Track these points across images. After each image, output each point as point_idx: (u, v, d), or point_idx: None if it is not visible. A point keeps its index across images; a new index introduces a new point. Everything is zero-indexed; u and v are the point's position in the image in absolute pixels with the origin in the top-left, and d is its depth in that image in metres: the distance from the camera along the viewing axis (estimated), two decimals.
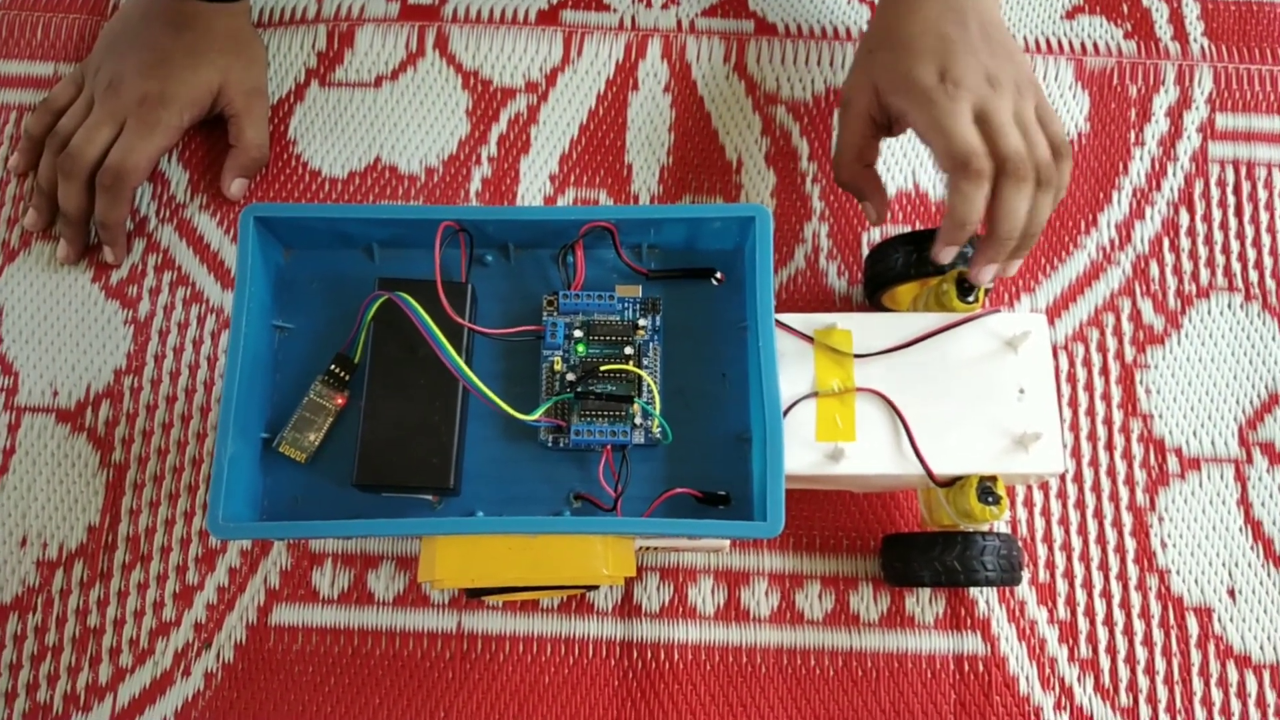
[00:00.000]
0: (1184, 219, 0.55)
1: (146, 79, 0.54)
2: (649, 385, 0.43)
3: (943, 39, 0.46)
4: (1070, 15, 0.60)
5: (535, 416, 0.40)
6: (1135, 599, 0.50)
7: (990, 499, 0.42)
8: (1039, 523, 0.51)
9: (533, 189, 0.56)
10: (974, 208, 0.43)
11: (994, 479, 0.43)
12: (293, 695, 0.49)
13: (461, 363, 0.38)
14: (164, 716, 0.48)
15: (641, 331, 0.43)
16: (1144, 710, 0.48)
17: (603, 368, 0.42)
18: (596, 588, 0.46)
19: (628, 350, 0.43)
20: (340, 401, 0.43)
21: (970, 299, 0.45)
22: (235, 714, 0.48)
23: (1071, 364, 0.53)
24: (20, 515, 0.51)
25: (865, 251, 0.54)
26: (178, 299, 0.55)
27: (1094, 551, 0.50)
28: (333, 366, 0.43)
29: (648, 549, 0.48)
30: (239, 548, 0.51)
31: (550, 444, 0.42)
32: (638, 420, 0.42)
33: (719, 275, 0.45)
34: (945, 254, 0.45)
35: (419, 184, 0.56)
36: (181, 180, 0.57)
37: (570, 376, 0.43)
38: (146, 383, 0.53)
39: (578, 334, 0.43)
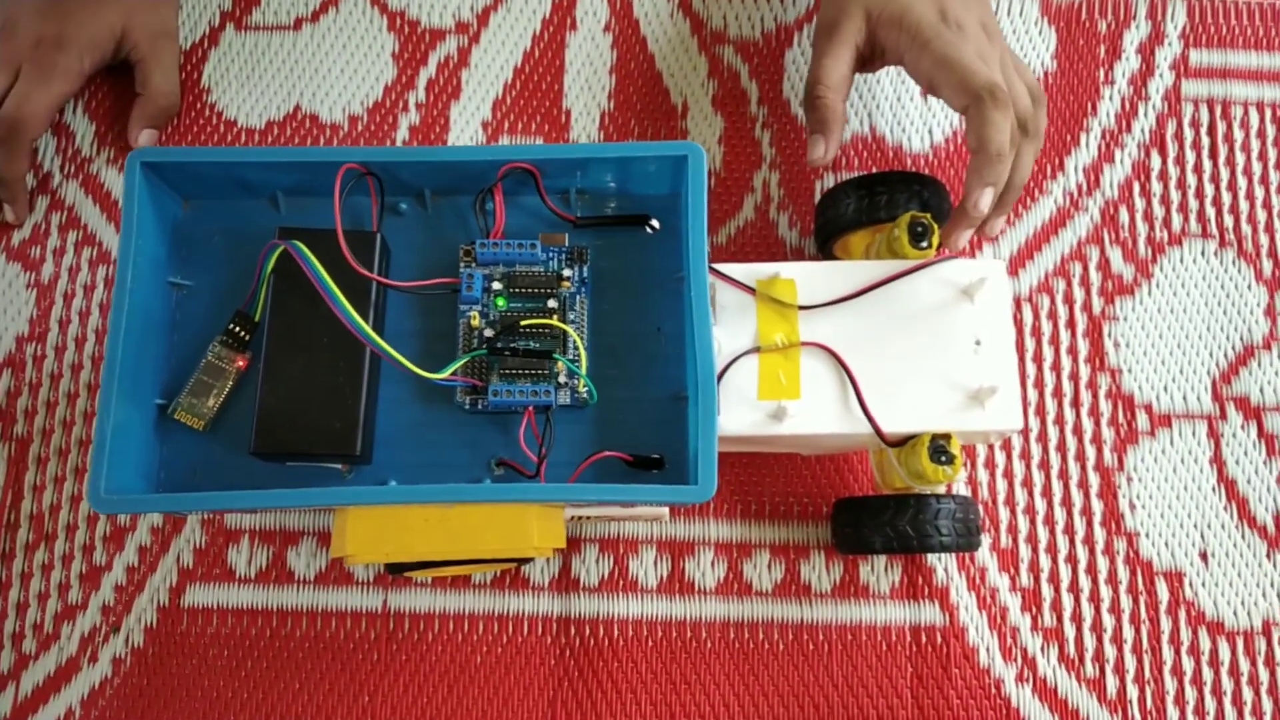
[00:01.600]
0: (1155, 162, 0.52)
1: (42, 20, 0.50)
2: (574, 341, 0.39)
3: None
4: None
5: (444, 375, 0.37)
6: (1102, 564, 0.47)
7: (944, 458, 0.39)
8: (1000, 485, 0.48)
9: (464, 137, 0.52)
10: (1007, 135, 0.41)
11: (948, 437, 0.40)
12: (207, 681, 0.45)
13: (357, 317, 0.35)
14: (69, 705, 0.45)
15: (567, 283, 0.40)
16: (1111, 681, 0.46)
17: (524, 323, 0.39)
18: (529, 561, 0.43)
19: (551, 303, 0.40)
20: (241, 364, 0.40)
21: (924, 245, 0.42)
22: (145, 701, 0.45)
23: (1036, 316, 0.50)
24: None
25: (818, 200, 0.51)
26: (83, 260, 0.51)
27: (1059, 514, 0.47)
28: (232, 325, 0.40)
29: (582, 518, 0.45)
30: (149, 525, 0.47)
31: (468, 406, 0.39)
32: (562, 379, 0.39)
33: (654, 223, 0.41)
34: (986, 198, 0.42)
35: (342, 133, 0.53)
36: (87, 132, 0.53)
37: (489, 333, 0.39)
38: (50, 350, 0.50)
39: (497, 286, 0.40)
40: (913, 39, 0.44)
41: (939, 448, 0.39)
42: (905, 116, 0.53)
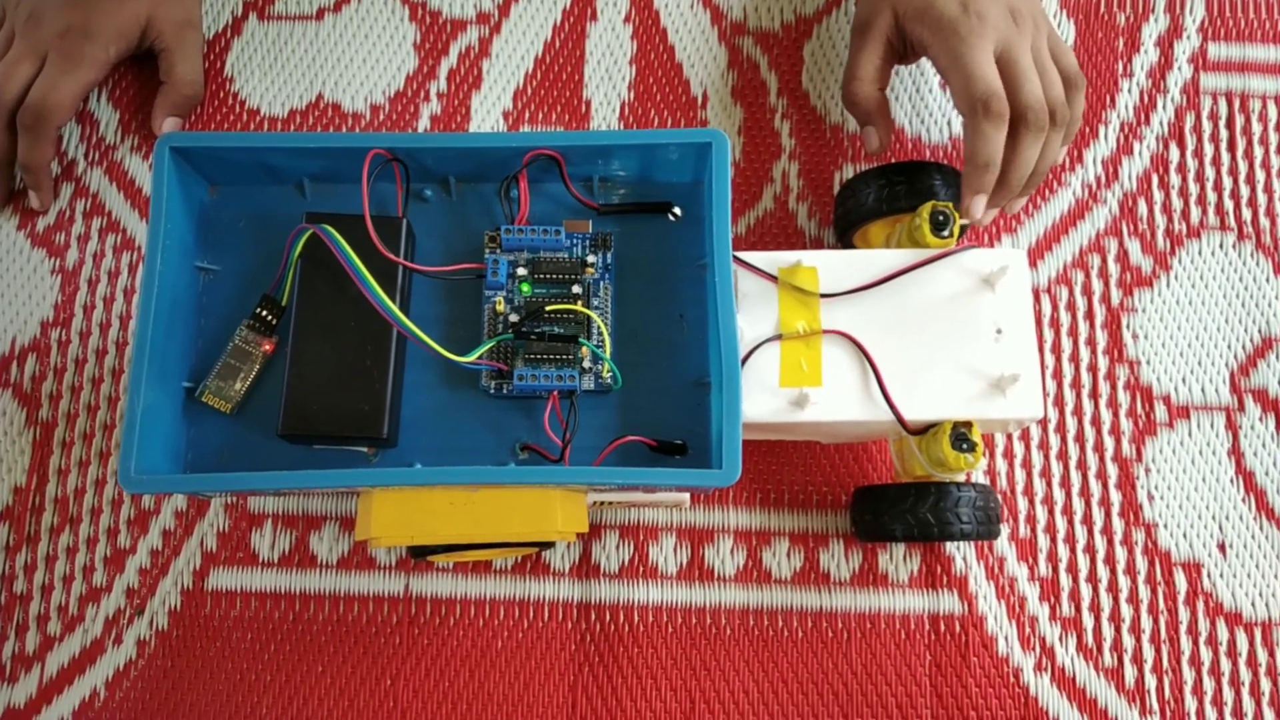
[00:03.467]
0: (1174, 154, 0.52)
1: (69, 10, 0.50)
2: (599, 326, 0.40)
3: None
4: None
5: (472, 358, 0.37)
6: (1120, 554, 0.47)
7: (965, 445, 0.39)
8: (1019, 475, 0.48)
9: (485, 127, 0.53)
10: (996, 149, 0.43)
11: (969, 425, 0.40)
12: (230, 663, 0.46)
13: (387, 299, 0.35)
14: (94, 686, 0.46)
15: (591, 269, 0.40)
16: (1129, 670, 0.46)
17: (548, 308, 0.39)
18: (550, 546, 0.44)
19: (575, 289, 0.40)
20: (268, 347, 0.40)
21: (945, 234, 0.42)
22: (170, 683, 0.46)
23: (1055, 308, 0.50)
24: None
25: (837, 190, 0.51)
26: (107, 246, 0.51)
27: (1077, 505, 0.48)
28: (259, 310, 0.40)
29: (604, 505, 0.45)
30: (173, 509, 0.48)
31: (493, 391, 0.39)
32: (586, 364, 0.39)
33: (676, 210, 0.42)
34: (976, 205, 0.43)
35: (364, 122, 0.53)
36: (111, 120, 0.53)
37: (514, 318, 0.40)
38: (75, 335, 0.50)
39: (521, 272, 0.40)
40: (933, 33, 0.44)
41: (960, 435, 0.40)
42: (924, 108, 0.53)
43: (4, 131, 0.50)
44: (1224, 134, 0.53)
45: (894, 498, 0.42)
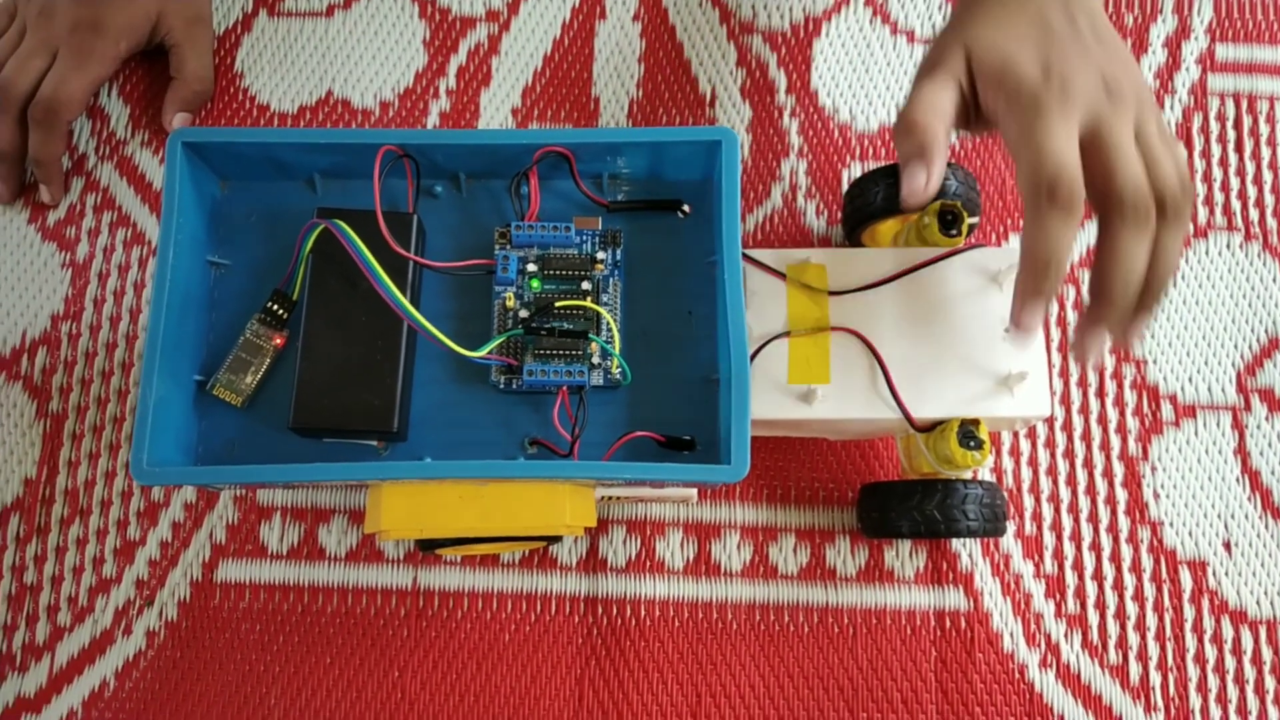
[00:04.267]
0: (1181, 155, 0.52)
1: (80, 5, 0.51)
2: (608, 322, 0.40)
3: (1045, 25, 0.37)
4: None
5: (482, 354, 0.37)
6: (1126, 552, 0.47)
7: (972, 443, 0.40)
8: (1025, 473, 0.48)
9: (494, 124, 0.53)
10: (1058, 244, 0.34)
11: (976, 423, 0.40)
12: (239, 654, 0.46)
13: (399, 294, 0.36)
14: (104, 676, 0.46)
15: (600, 265, 0.40)
16: (1134, 668, 0.46)
17: (558, 304, 0.40)
18: (558, 540, 0.44)
19: (585, 286, 0.40)
20: (279, 341, 0.40)
21: (954, 232, 0.42)
22: (179, 673, 0.46)
23: (1061, 306, 0.50)
24: None
25: (845, 189, 0.51)
26: (118, 240, 0.51)
27: (1083, 503, 0.48)
28: (270, 304, 0.40)
29: (611, 499, 0.45)
30: (182, 501, 0.48)
31: (502, 386, 0.40)
32: (595, 360, 0.39)
33: (685, 208, 0.42)
34: (1029, 313, 0.36)
35: (373, 119, 0.53)
36: (122, 115, 0.54)
37: (524, 314, 0.40)
38: (85, 328, 0.50)
39: (531, 268, 0.40)
40: (1008, 102, 0.36)
41: (968, 433, 0.40)
42: None
43: (15, 126, 0.50)
44: (1231, 134, 0.53)
45: (901, 494, 0.42)
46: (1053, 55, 0.36)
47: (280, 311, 0.40)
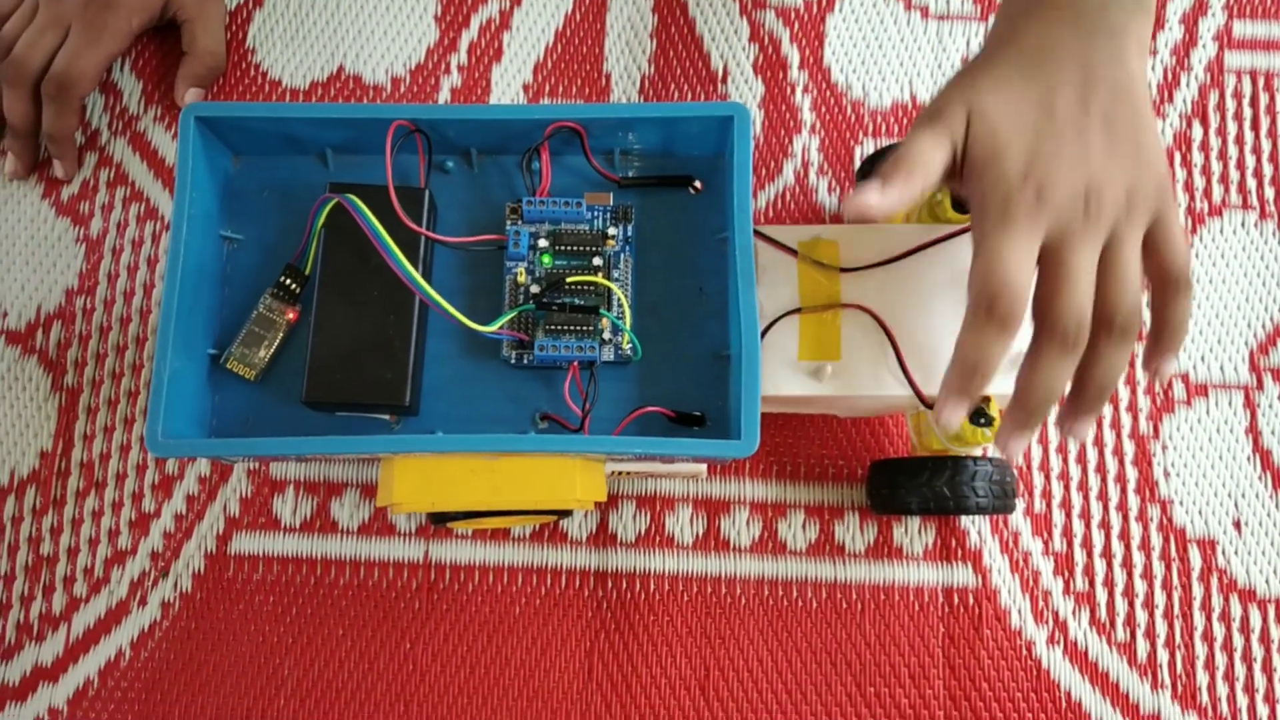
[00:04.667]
0: (1197, 133, 0.52)
1: None
2: (619, 298, 0.40)
3: (1050, 111, 0.35)
4: None
5: (494, 328, 0.38)
6: (1135, 530, 0.47)
7: (982, 420, 0.39)
8: (1035, 450, 0.48)
9: (505, 99, 0.53)
10: (989, 354, 0.34)
11: (987, 400, 0.40)
12: (253, 625, 0.47)
13: (411, 269, 0.36)
14: (119, 646, 0.47)
15: (611, 241, 0.41)
16: (1142, 645, 0.46)
17: (569, 279, 0.40)
18: (568, 514, 0.44)
19: (596, 261, 0.40)
20: (291, 316, 0.41)
21: (966, 209, 0.42)
22: (193, 644, 0.47)
23: None
24: None
25: (858, 166, 0.51)
26: (131, 215, 0.52)
27: (1093, 481, 0.48)
28: (282, 278, 0.40)
29: (621, 474, 0.46)
30: (197, 474, 0.48)
31: (514, 361, 0.40)
32: (606, 335, 0.40)
33: (697, 184, 0.42)
34: (947, 413, 0.36)
35: (385, 94, 0.53)
36: (134, 91, 0.54)
37: (535, 289, 0.40)
38: (99, 303, 0.51)
39: (543, 244, 0.40)
40: (982, 195, 0.35)
41: (978, 410, 0.40)
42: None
43: (29, 101, 0.50)
44: (1248, 112, 0.52)
45: (910, 471, 0.43)
46: (1042, 152, 0.34)
47: (293, 286, 0.40)
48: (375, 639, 0.46)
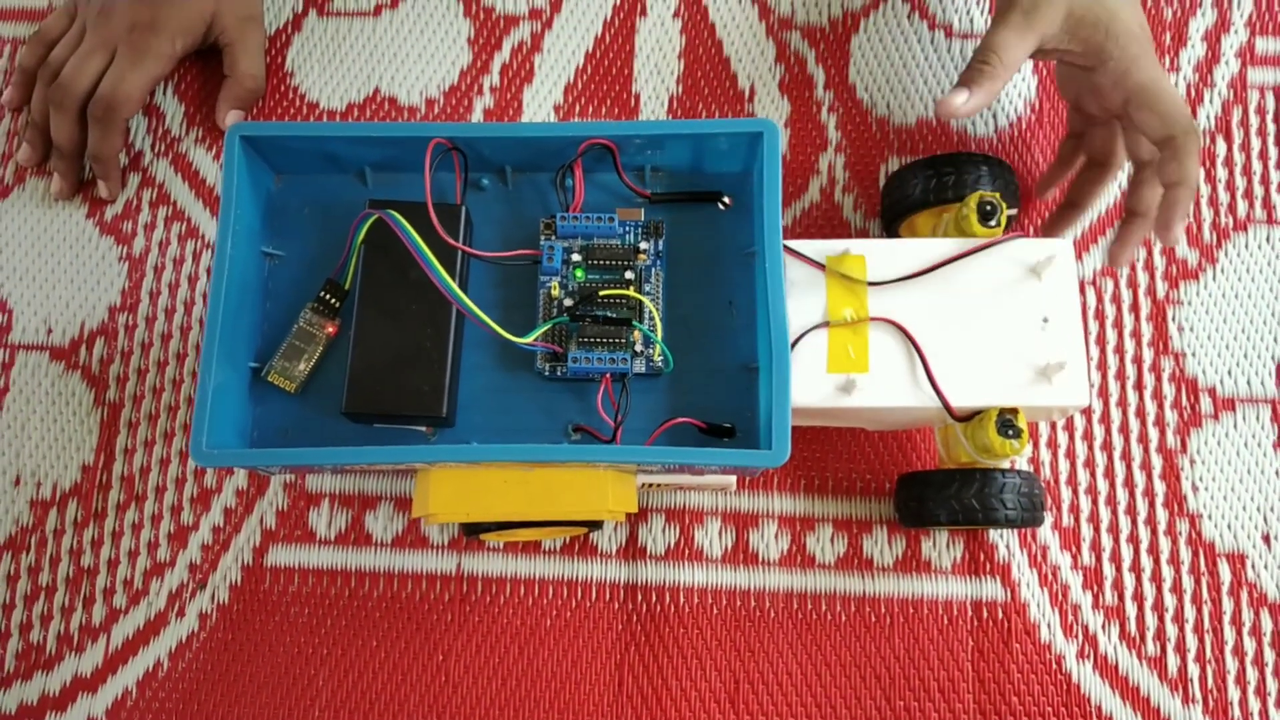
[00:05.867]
0: (1221, 148, 0.52)
1: (137, 5, 0.52)
2: (650, 311, 0.41)
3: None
4: None
5: (530, 340, 0.38)
6: (1164, 544, 0.47)
7: (1011, 432, 0.40)
8: (1063, 465, 0.48)
9: (536, 120, 0.54)
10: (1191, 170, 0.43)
11: (1015, 411, 0.40)
12: (288, 637, 0.47)
13: (451, 282, 0.37)
14: (158, 657, 0.47)
15: (643, 256, 0.41)
16: (1172, 659, 0.46)
17: (602, 293, 0.41)
18: (599, 526, 0.45)
19: (628, 275, 0.41)
20: (331, 330, 0.41)
21: (992, 224, 0.42)
22: (230, 655, 0.47)
23: (1100, 299, 0.50)
24: (14, 454, 0.50)
25: (883, 184, 0.52)
26: (173, 234, 0.53)
27: (1121, 495, 0.48)
28: (323, 293, 0.41)
29: (652, 487, 0.46)
30: (234, 487, 0.49)
31: (547, 373, 0.41)
32: (638, 348, 0.40)
33: (726, 199, 0.43)
34: (1180, 228, 0.43)
35: (419, 116, 0.54)
36: (177, 113, 0.55)
37: (568, 303, 0.41)
38: (141, 320, 0.52)
39: (576, 258, 0.41)
40: (1123, 50, 0.43)
41: (1006, 422, 0.40)
42: None
43: (75, 123, 0.52)
44: (1271, 128, 0.53)
45: (939, 483, 0.43)
46: (1141, 15, 0.44)
47: (333, 301, 0.41)
48: (408, 650, 0.47)
